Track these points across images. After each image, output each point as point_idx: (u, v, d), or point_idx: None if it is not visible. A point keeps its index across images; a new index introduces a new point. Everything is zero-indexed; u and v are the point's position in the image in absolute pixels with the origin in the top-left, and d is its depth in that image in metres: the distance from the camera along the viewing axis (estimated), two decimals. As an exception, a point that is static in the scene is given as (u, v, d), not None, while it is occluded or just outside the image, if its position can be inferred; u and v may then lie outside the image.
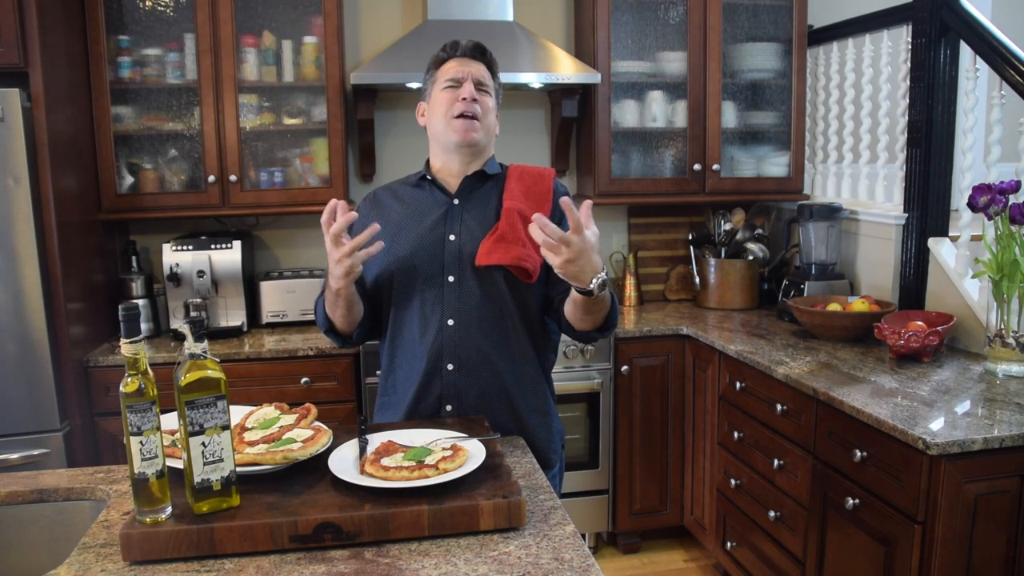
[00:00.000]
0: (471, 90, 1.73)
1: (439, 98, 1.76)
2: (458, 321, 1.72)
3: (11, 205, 2.48)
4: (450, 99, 1.74)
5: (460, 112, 1.72)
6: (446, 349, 1.73)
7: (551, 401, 1.87)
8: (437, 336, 1.72)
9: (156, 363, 2.75)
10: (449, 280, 1.73)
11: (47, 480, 1.59)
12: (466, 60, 1.78)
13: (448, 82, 1.75)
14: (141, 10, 2.99)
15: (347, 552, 1.25)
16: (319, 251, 3.47)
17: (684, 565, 3.20)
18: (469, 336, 1.72)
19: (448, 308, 1.72)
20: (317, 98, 3.14)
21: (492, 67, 1.82)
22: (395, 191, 1.87)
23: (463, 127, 1.73)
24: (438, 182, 1.81)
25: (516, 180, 1.81)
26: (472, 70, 1.76)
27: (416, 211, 1.79)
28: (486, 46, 1.82)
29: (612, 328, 1.73)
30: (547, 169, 1.85)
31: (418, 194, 1.83)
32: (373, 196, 1.89)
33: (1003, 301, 2.29)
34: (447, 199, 1.79)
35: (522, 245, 1.69)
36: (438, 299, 1.73)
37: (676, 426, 3.20)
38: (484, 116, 1.75)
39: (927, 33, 2.74)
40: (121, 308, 1.23)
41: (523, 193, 1.78)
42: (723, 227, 3.53)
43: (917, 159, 2.81)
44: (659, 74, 3.40)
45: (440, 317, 1.73)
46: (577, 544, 1.28)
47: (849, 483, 2.15)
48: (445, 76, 1.76)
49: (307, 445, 1.43)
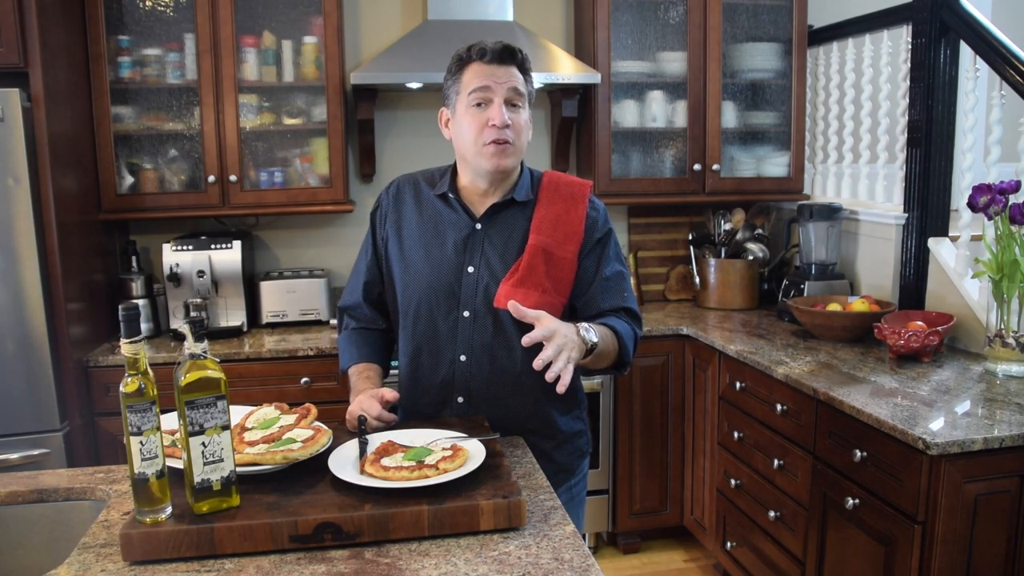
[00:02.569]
0: (503, 117, 1.58)
1: (466, 118, 1.62)
2: (470, 358, 1.68)
3: (11, 205, 2.48)
4: (480, 123, 1.60)
5: (492, 139, 1.59)
6: (457, 384, 1.70)
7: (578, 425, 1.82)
8: (448, 370, 1.70)
9: (156, 363, 2.75)
10: (464, 315, 1.67)
11: (47, 480, 1.59)
12: (492, 66, 1.60)
13: (475, 97, 1.60)
14: (141, 10, 2.99)
15: (347, 552, 1.25)
16: (319, 251, 3.47)
17: (684, 565, 3.20)
18: (481, 372, 1.69)
19: (461, 344, 1.68)
20: (317, 98, 3.14)
21: (524, 69, 1.64)
22: (419, 193, 1.75)
23: (496, 154, 1.60)
24: (463, 202, 1.70)
25: (547, 203, 1.69)
26: (502, 81, 1.59)
27: (436, 229, 1.71)
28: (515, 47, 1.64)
29: (627, 364, 1.70)
30: (582, 187, 1.73)
31: (441, 209, 1.72)
32: (396, 190, 1.79)
33: (1003, 301, 2.29)
34: (470, 222, 1.69)
35: (543, 292, 1.63)
36: (451, 333, 1.68)
37: (676, 426, 3.20)
38: (518, 138, 1.62)
39: (927, 33, 2.74)
40: (121, 308, 1.23)
41: (551, 223, 1.67)
42: (723, 227, 3.53)
43: (917, 159, 2.81)
44: (659, 74, 3.40)
45: (453, 352, 1.69)
46: (577, 544, 1.28)
47: (849, 483, 2.15)
48: (471, 87, 1.60)
49: (307, 445, 1.43)
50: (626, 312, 1.73)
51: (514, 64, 1.62)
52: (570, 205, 1.70)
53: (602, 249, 1.73)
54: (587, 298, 1.72)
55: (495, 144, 1.60)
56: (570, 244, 1.67)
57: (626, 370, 1.73)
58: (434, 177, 1.77)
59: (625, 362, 1.69)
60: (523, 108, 1.63)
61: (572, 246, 1.67)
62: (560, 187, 1.73)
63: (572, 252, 1.68)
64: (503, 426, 1.70)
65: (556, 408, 1.76)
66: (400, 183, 1.80)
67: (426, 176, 1.79)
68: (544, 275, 1.63)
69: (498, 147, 1.60)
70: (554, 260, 1.66)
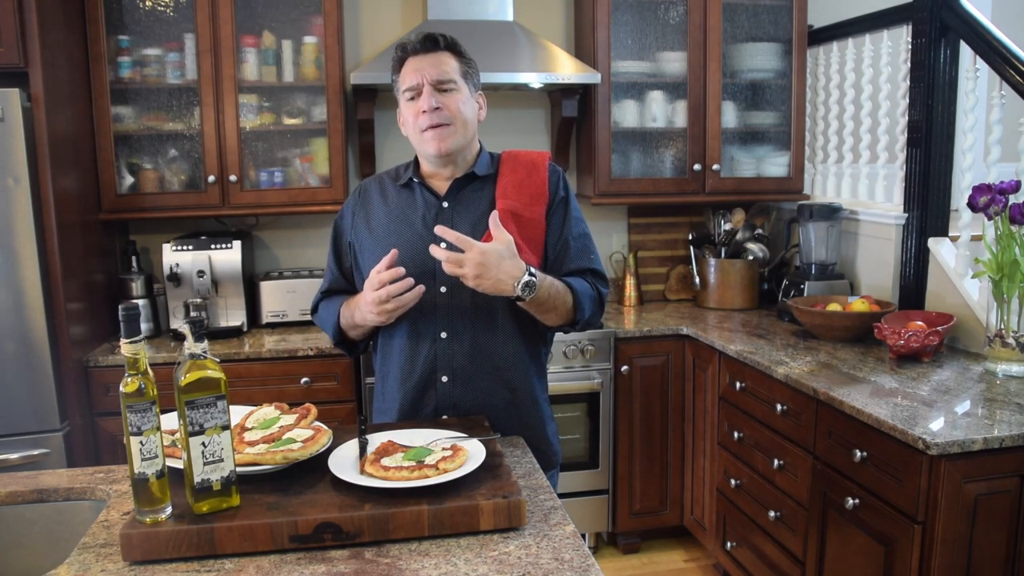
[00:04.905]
0: (430, 101, 1.63)
1: (406, 111, 1.69)
2: (451, 333, 1.69)
3: (11, 205, 2.48)
4: (415, 113, 1.66)
5: (427, 125, 1.65)
6: (440, 362, 1.70)
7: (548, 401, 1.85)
8: (431, 349, 1.70)
9: (156, 363, 2.75)
10: (441, 291, 1.68)
11: (47, 480, 1.59)
12: (419, 57, 1.66)
13: (407, 92, 1.67)
14: (141, 10, 2.99)
15: (347, 552, 1.25)
16: (319, 251, 3.47)
17: (684, 565, 3.20)
18: (463, 348, 1.69)
19: (441, 320, 1.69)
20: (317, 98, 3.14)
21: (456, 51, 1.70)
22: (384, 188, 1.80)
23: (435, 138, 1.65)
24: (427, 184, 1.75)
25: (509, 173, 1.74)
26: (427, 70, 1.65)
27: (403, 214, 1.74)
28: (439, 33, 1.69)
29: (583, 321, 1.71)
30: (540, 155, 1.78)
31: (406, 196, 1.76)
32: (362, 190, 1.83)
33: (1003, 301, 2.29)
34: (436, 201, 1.73)
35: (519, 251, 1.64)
36: (431, 311, 1.69)
37: (676, 426, 3.20)
38: (456, 117, 1.66)
39: (927, 33, 2.74)
40: (121, 308, 1.24)
41: (516, 188, 1.72)
42: (723, 227, 3.53)
43: (917, 159, 2.81)
44: (659, 74, 3.40)
45: (433, 329, 1.69)
46: (577, 544, 1.28)
47: (849, 483, 2.15)
48: (404, 84, 1.67)
49: (307, 445, 1.43)
50: (592, 273, 1.76)
51: (440, 49, 1.68)
52: (531, 170, 1.75)
53: (565, 208, 1.77)
54: (555, 258, 1.75)
55: (432, 129, 1.65)
56: (537, 205, 1.71)
57: (578, 327, 1.74)
58: (398, 171, 1.83)
59: (578, 319, 1.71)
60: (456, 89, 1.67)
61: (539, 207, 1.71)
62: (519, 157, 1.78)
63: (540, 213, 1.72)
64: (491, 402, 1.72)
65: (539, 385, 1.79)
66: (364, 184, 1.85)
67: (389, 173, 1.85)
68: (517, 235, 1.65)
69: (435, 131, 1.65)
70: (523, 221, 1.69)
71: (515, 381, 1.74)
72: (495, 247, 1.53)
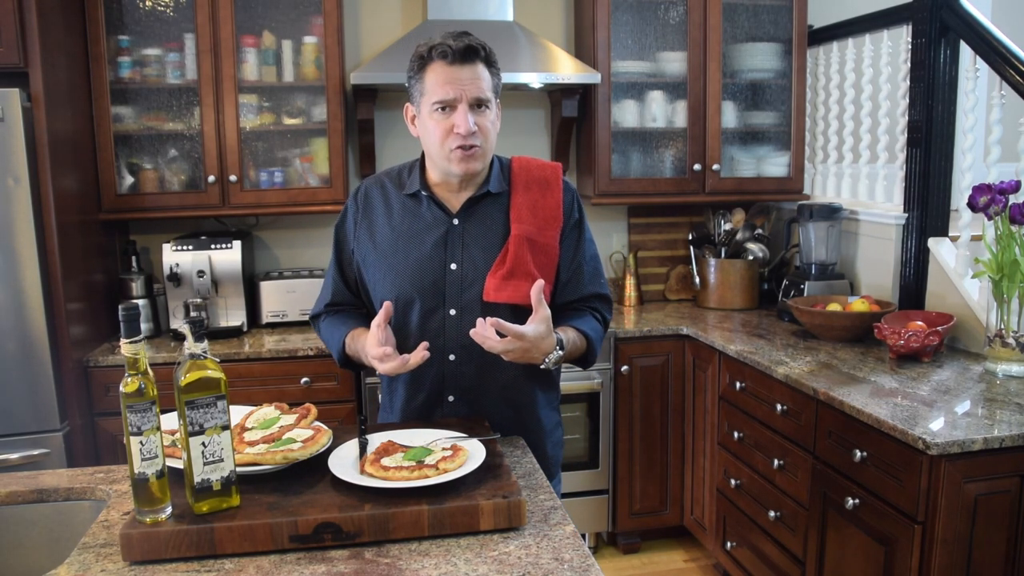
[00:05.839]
0: (468, 125, 1.53)
1: (431, 122, 1.58)
2: (459, 356, 1.67)
3: (11, 205, 2.48)
4: (445, 129, 1.55)
5: (458, 145, 1.55)
6: (447, 382, 1.69)
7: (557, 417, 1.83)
8: (439, 371, 1.68)
9: (156, 363, 2.75)
10: (451, 314, 1.65)
11: (47, 480, 1.59)
12: (457, 68, 1.53)
13: (438, 104, 1.55)
14: (141, 10, 2.99)
15: (347, 552, 1.25)
16: (319, 251, 3.47)
17: (684, 565, 3.20)
18: (470, 369, 1.68)
19: (449, 343, 1.66)
20: (317, 98, 3.14)
21: (489, 63, 1.59)
22: (387, 196, 1.71)
23: (464, 159, 1.57)
24: (436, 199, 1.67)
25: (523, 190, 1.67)
26: (466, 84, 1.53)
27: (411, 230, 1.67)
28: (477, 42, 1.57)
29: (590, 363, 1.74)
30: (554, 169, 1.71)
31: (412, 208, 1.68)
32: (365, 194, 1.74)
33: (1003, 301, 2.29)
34: (447, 218, 1.66)
35: (532, 280, 1.60)
36: (439, 332, 1.66)
37: (676, 426, 3.20)
38: (487, 138, 1.59)
39: (927, 33, 2.74)
40: (121, 308, 1.23)
41: (530, 210, 1.66)
42: (723, 227, 3.53)
43: (917, 159, 2.81)
44: (659, 74, 3.40)
45: (441, 351, 1.66)
46: (577, 544, 1.28)
47: (849, 483, 2.15)
48: (434, 94, 1.55)
49: (307, 445, 1.43)
50: (600, 298, 1.77)
51: (478, 61, 1.56)
52: (545, 190, 1.69)
53: (579, 232, 1.75)
54: (568, 281, 1.73)
55: (461, 150, 1.56)
56: (551, 230, 1.67)
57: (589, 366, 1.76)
58: (401, 176, 1.74)
59: (588, 365, 1.74)
60: (489, 108, 1.59)
61: (553, 231, 1.68)
62: (532, 172, 1.71)
63: (554, 238, 1.68)
64: (495, 422, 1.70)
65: (544, 400, 1.77)
66: (365, 187, 1.76)
67: (391, 176, 1.75)
68: (531, 263, 1.63)
69: (465, 152, 1.57)
70: (538, 247, 1.66)
71: (519, 399, 1.73)
72: (537, 330, 1.50)
